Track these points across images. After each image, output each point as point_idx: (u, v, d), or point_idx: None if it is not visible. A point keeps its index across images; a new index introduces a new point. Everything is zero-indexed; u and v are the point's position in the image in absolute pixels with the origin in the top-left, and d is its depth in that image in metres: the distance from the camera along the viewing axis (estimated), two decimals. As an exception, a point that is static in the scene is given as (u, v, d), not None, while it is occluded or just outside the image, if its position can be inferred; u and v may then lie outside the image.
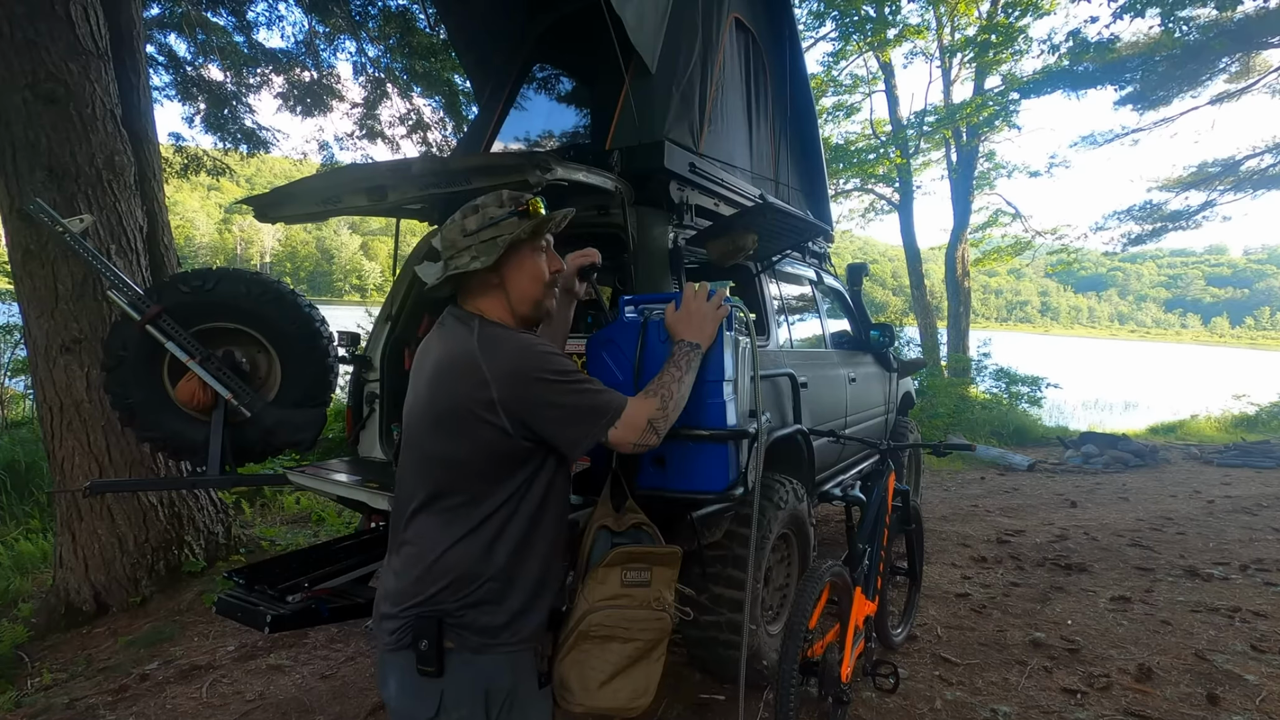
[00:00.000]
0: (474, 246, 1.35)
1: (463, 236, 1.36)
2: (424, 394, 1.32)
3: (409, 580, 1.25)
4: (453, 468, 1.26)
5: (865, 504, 2.63)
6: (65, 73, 3.17)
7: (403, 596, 1.25)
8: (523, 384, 1.25)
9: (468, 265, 1.33)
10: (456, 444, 1.25)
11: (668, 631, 1.50)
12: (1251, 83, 11.88)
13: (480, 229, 1.35)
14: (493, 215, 1.36)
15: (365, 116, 7.75)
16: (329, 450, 5.18)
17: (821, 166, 4.42)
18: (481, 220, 1.36)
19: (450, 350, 1.30)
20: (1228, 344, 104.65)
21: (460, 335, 1.32)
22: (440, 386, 1.28)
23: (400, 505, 1.34)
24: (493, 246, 1.34)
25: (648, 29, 2.55)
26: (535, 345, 1.31)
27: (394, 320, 3.03)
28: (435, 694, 1.22)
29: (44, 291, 3.23)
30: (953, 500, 6.30)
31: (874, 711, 2.55)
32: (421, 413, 1.31)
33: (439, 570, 1.24)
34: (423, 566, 1.24)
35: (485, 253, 1.33)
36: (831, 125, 14.66)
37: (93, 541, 3.42)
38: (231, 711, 2.61)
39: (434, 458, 1.28)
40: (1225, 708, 2.60)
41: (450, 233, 1.38)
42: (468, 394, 1.24)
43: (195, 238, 64.25)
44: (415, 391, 1.37)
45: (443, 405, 1.27)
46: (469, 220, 1.37)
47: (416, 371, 1.39)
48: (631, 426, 1.34)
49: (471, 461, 1.25)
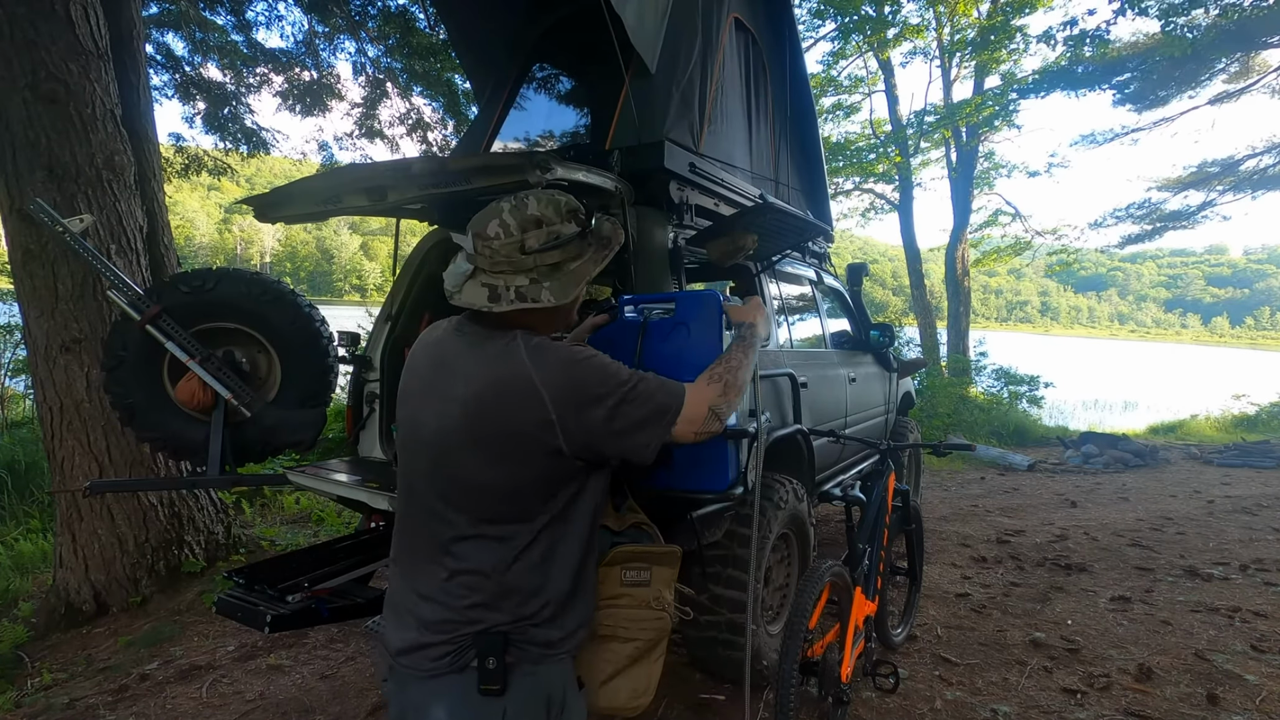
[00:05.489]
0: (538, 271, 1.20)
1: (521, 254, 1.20)
2: (457, 415, 1.18)
3: (464, 605, 1.17)
4: (504, 491, 1.18)
5: (865, 504, 2.63)
6: (65, 73, 3.16)
7: (454, 624, 1.16)
8: (584, 406, 1.17)
9: (541, 298, 1.19)
10: (509, 468, 1.17)
11: (667, 631, 1.50)
12: (1251, 83, 11.88)
13: (544, 248, 1.20)
14: (558, 234, 1.22)
15: (365, 116, 7.75)
16: (329, 450, 5.17)
17: (821, 166, 4.42)
18: (545, 239, 1.21)
19: (497, 372, 1.18)
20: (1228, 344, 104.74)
21: (503, 354, 1.19)
22: (489, 409, 1.16)
23: (429, 531, 1.22)
24: (568, 281, 1.22)
25: (648, 29, 2.55)
26: (587, 359, 1.22)
27: (394, 320, 3.03)
28: (498, 712, 1.15)
29: (44, 291, 3.23)
30: (953, 500, 6.30)
31: (874, 711, 2.55)
32: (457, 435, 1.18)
33: (499, 592, 1.17)
34: (481, 593, 1.17)
35: (559, 288, 1.21)
36: (831, 125, 14.68)
37: (93, 541, 3.42)
38: (231, 711, 2.61)
39: (480, 483, 1.18)
40: (1225, 708, 2.60)
41: (502, 246, 1.20)
42: (525, 418, 1.15)
43: (195, 238, 64.27)
44: (439, 413, 1.21)
45: (491, 429, 1.16)
46: (530, 236, 1.20)
47: (433, 389, 1.24)
48: (693, 419, 1.26)
49: (527, 484, 1.18)
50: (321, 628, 3.04)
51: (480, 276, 1.22)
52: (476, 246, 1.22)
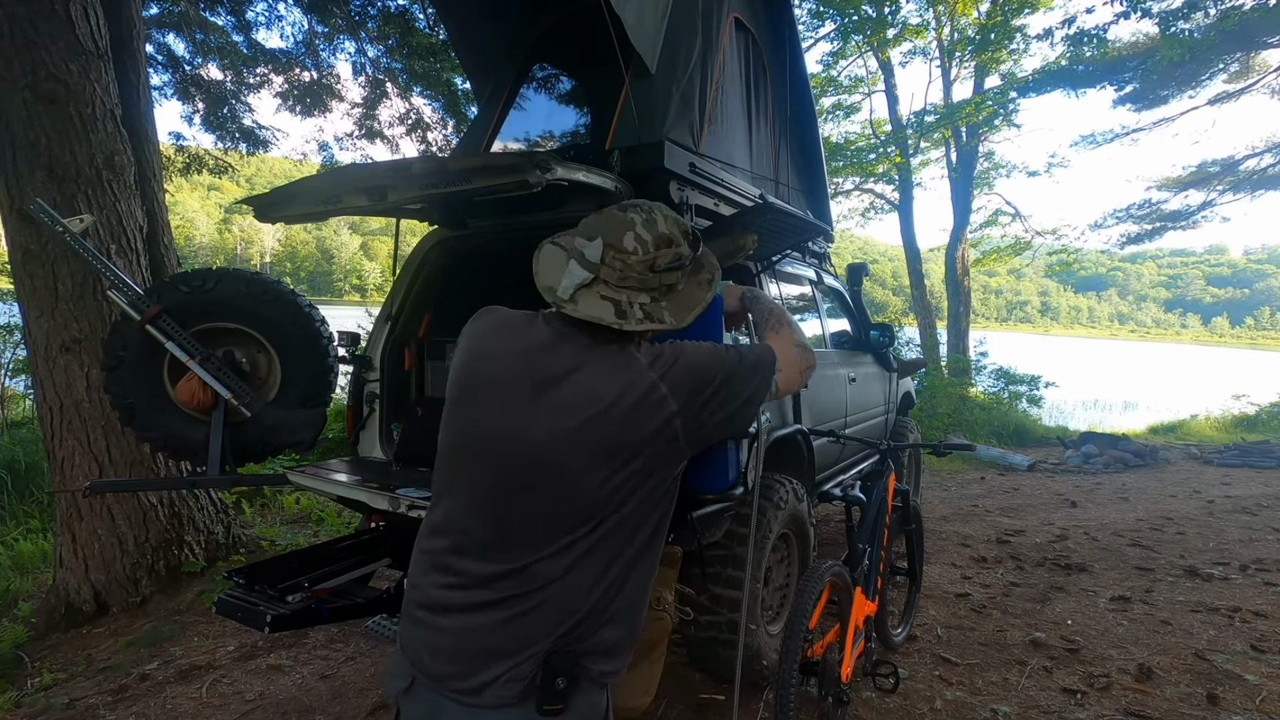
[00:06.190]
0: (659, 290, 1.17)
1: (651, 272, 1.15)
2: (574, 425, 1.09)
3: (540, 628, 1.09)
4: (615, 503, 1.10)
5: (865, 504, 2.63)
6: (65, 73, 3.17)
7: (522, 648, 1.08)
8: (697, 394, 1.14)
9: (665, 319, 1.16)
10: (625, 477, 1.10)
11: (668, 631, 1.51)
12: (1251, 83, 11.90)
13: (669, 268, 1.17)
14: (680, 255, 1.19)
15: (365, 116, 7.75)
16: (329, 450, 5.18)
17: (821, 166, 4.42)
18: (673, 259, 1.17)
19: (618, 377, 1.12)
20: (1228, 344, 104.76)
21: (620, 357, 1.14)
22: (613, 417, 1.10)
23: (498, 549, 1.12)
24: (683, 304, 1.20)
25: (647, 28, 2.54)
26: (694, 350, 1.19)
27: (394, 320, 3.03)
28: None
29: (44, 291, 3.23)
30: (953, 500, 6.30)
31: (874, 711, 2.55)
32: (573, 446, 1.09)
33: (577, 613, 1.10)
34: (558, 616, 1.10)
35: (676, 309, 1.19)
36: (831, 125, 14.69)
37: (93, 541, 3.42)
38: (231, 711, 2.61)
39: (590, 497, 1.09)
40: (1225, 708, 2.60)
41: (638, 262, 1.14)
42: (653, 424, 1.10)
43: (195, 238, 64.30)
44: (546, 420, 1.11)
45: (615, 438, 1.09)
46: (662, 255, 1.16)
47: (531, 394, 1.13)
48: (790, 362, 1.27)
49: (639, 492, 1.12)
50: (321, 628, 3.04)
51: (600, 288, 1.14)
52: (606, 258, 1.14)
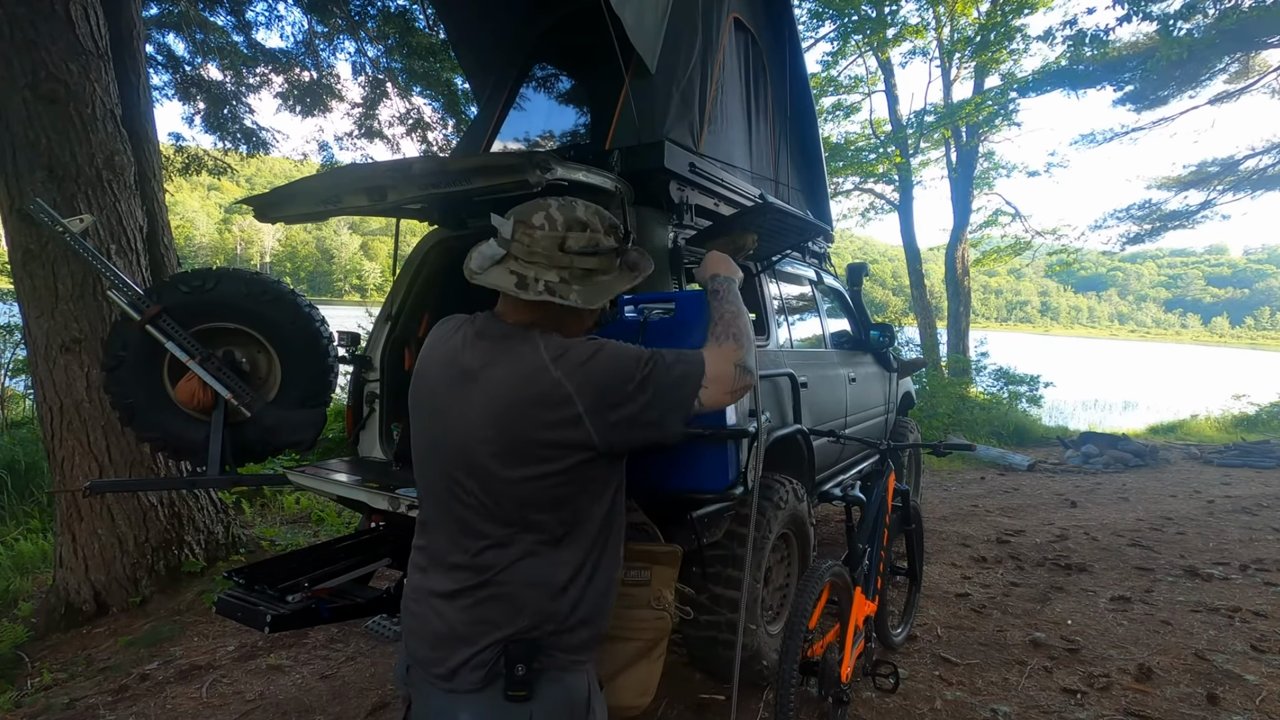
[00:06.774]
0: (572, 272, 1.20)
1: (560, 251, 1.19)
2: (482, 421, 1.15)
3: (498, 616, 1.15)
4: (534, 494, 1.15)
5: (865, 504, 2.63)
6: (65, 73, 3.16)
7: (482, 635, 1.15)
8: (608, 394, 1.15)
9: (568, 297, 1.19)
10: (538, 470, 1.14)
11: (668, 631, 1.51)
12: (1251, 83, 11.88)
13: (581, 252, 1.21)
14: (598, 243, 1.23)
15: (365, 116, 7.75)
16: (329, 450, 5.17)
17: (821, 166, 4.42)
18: (585, 243, 1.21)
19: (521, 373, 1.16)
20: (1228, 344, 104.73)
21: (524, 354, 1.18)
22: (516, 413, 1.14)
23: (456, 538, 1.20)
24: (596, 290, 1.22)
25: (647, 28, 2.54)
26: (603, 348, 1.20)
27: (394, 320, 3.03)
28: (524, 717, 1.15)
29: (44, 291, 3.23)
30: (953, 500, 6.30)
31: (874, 711, 2.55)
32: (484, 441, 1.15)
33: (534, 602, 1.15)
34: (510, 600, 1.15)
35: (586, 293, 1.21)
36: (831, 125, 14.69)
37: (93, 541, 3.42)
38: (231, 711, 2.61)
39: (509, 488, 1.15)
40: (1225, 708, 2.60)
41: (544, 237, 1.19)
42: (554, 418, 1.13)
43: (195, 238, 64.31)
44: (462, 418, 1.18)
45: (519, 433, 1.14)
46: (573, 236, 1.20)
47: (451, 394, 1.21)
48: (720, 377, 1.23)
49: (557, 485, 1.16)
50: (321, 628, 3.04)
51: (510, 263, 1.20)
52: (515, 233, 1.20)
